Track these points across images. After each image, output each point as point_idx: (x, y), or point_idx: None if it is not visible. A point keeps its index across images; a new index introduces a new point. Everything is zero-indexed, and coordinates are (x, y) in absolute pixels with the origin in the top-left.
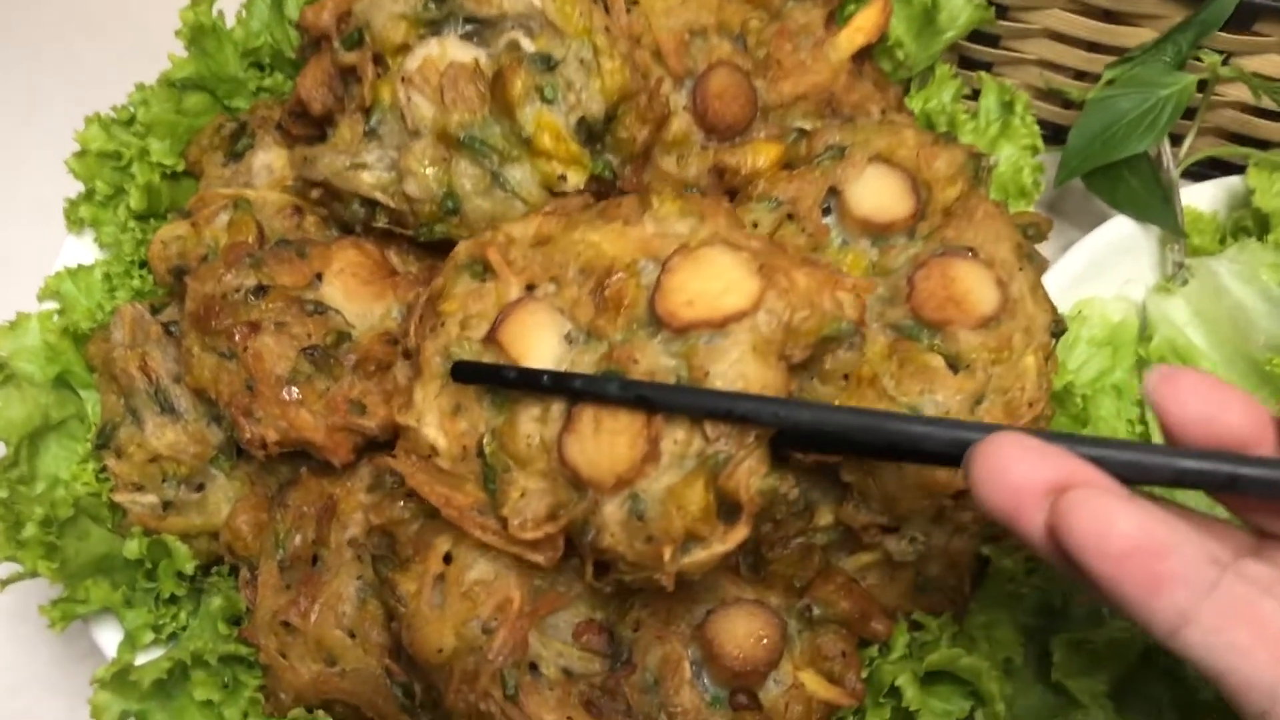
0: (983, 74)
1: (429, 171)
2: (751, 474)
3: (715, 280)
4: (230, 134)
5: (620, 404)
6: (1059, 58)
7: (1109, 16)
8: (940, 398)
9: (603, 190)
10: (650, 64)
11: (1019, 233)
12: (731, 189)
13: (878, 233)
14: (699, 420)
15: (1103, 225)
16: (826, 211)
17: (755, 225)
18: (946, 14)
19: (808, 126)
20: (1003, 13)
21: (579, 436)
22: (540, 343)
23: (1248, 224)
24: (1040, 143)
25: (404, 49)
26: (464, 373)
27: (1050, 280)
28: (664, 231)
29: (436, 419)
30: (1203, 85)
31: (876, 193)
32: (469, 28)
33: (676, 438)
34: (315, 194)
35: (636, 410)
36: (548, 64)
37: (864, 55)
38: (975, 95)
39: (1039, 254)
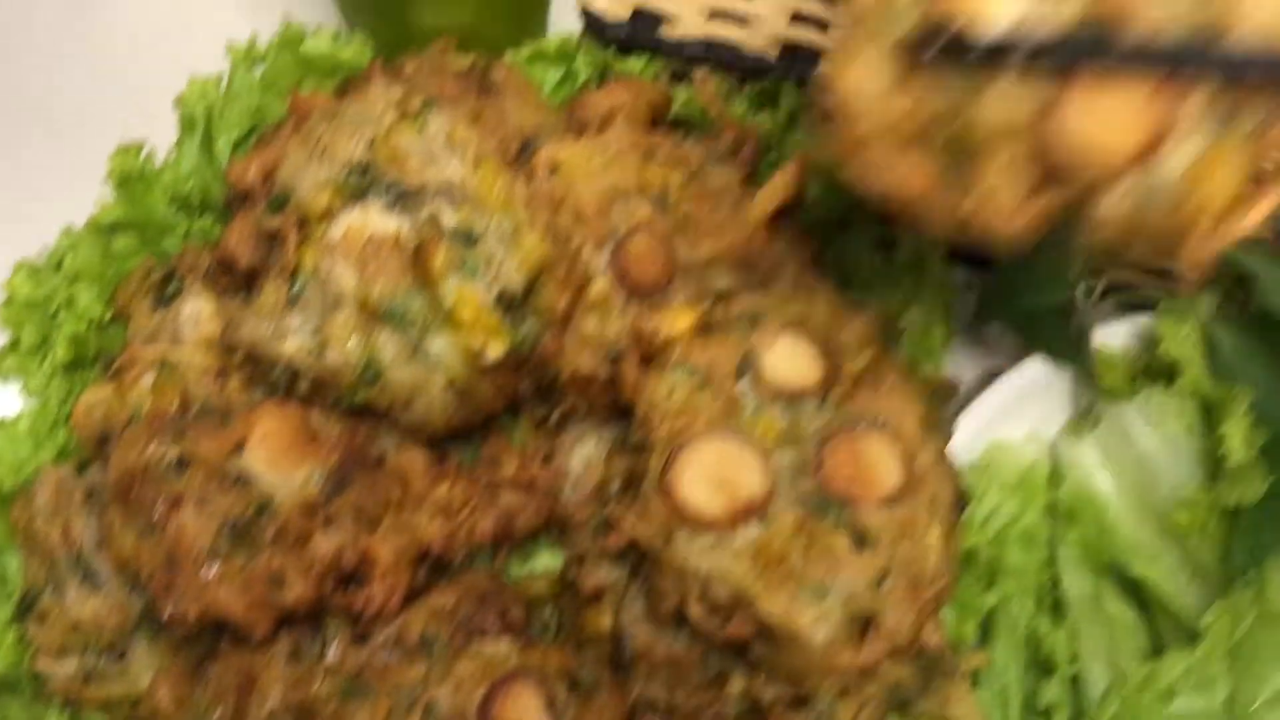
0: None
1: (350, 343)
2: None
3: None
4: (158, 281)
5: (1125, 69)
6: None
7: None
8: (844, 579)
9: (522, 357)
10: (572, 227)
11: (925, 403)
12: (648, 354)
13: (789, 399)
14: (1232, 84)
15: (1018, 366)
16: (742, 373)
17: (670, 393)
18: None
19: (726, 284)
20: None
21: (1074, 114)
22: None
23: (1159, 366)
24: (953, 295)
25: (328, 215)
26: (924, 49)
27: (965, 423)
28: None
29: (880, 90)
30: None
31: (788, 360)
32: (392, 196)
33: (1197, 101)
34: (239, 356)
35: (1144, 76)
36: (469, 238)
37: (782, 213)
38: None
39: (946, 422)
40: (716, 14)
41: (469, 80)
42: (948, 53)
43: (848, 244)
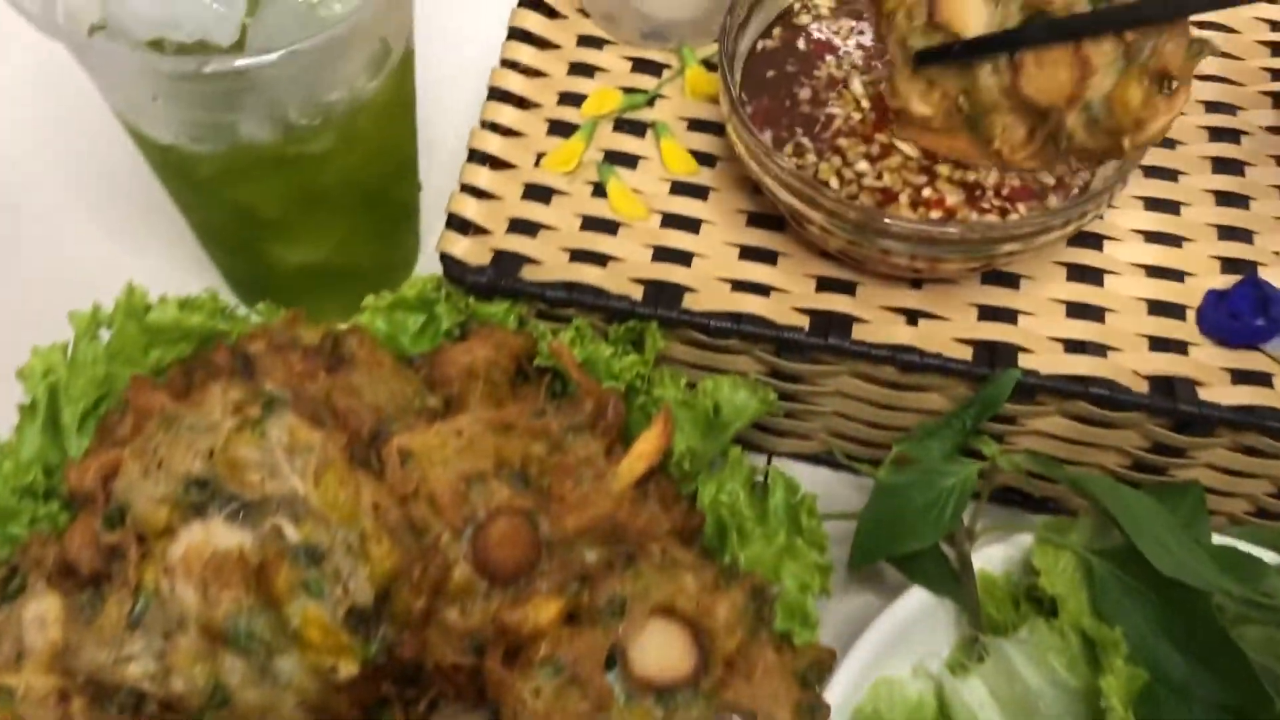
0: (771, 467)
1: (195, 669)
2: (1175, 47)
3: None
4: (1, 578)
5: (1050, 41)
6: (848, 430)
7: (896, 386)
8: None
9: (378, 667)
10: (428, 516)
11: (799, 685)
12: (513, 647)
13: (661, 691)
14: (1119, 33)
15: (899, 599)
16: (611, 664)
17: (538, 693)
18: (730, 409)
19: (594, 559)
20: (788, 398)
21: (1029, 76)
22: (971, 12)
23: (1039, 594)
24: (827, 547)
25: (168, 533)
26: (926, 57)
27: (849, 662)
28: None
29: (919, 96)
30: (984, 473)
31: (659, 649)
32: (234, 509)
33: (1103, 49)
34: (82, 678)
35: (1065, 42)
36: (313, 555)
37: (649, 475)
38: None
39: (821, 706)
40: (579, 256)
41: (319, 355)
42: (939, 58)
43: (720, 494)
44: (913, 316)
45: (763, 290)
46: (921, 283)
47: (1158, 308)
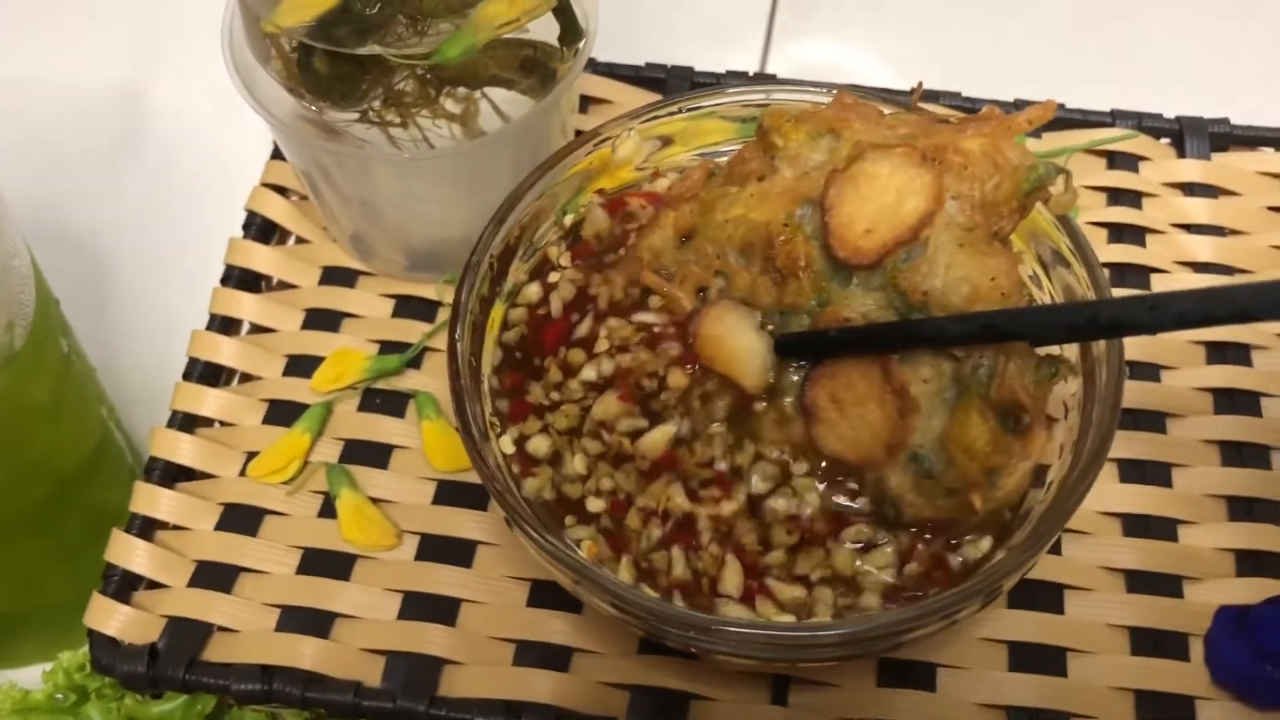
0: None
1: None
2: (1022, 371)
3: (884, 194)
4: None
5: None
6: None
7: None
8: None
9: None
10: None
11: None
12: None
13: None
14: (940, 351)
15: None
16: None
17: None
18: None
19: None
20: None
21: (828, 424)
22: (741, 346)
23: None
24: None
25: None
26: (788, 348)
27: None
28: (804, 169)
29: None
30: None
31: None
32: None
33: (924, 377)
34: None
35: (871, 368)
36: None
37: None
38: None
39: None
40: (293, 617)
41: None
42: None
43: None
44: (782, 685)
45: (560, 657)
46: None
47: (1148, 641)
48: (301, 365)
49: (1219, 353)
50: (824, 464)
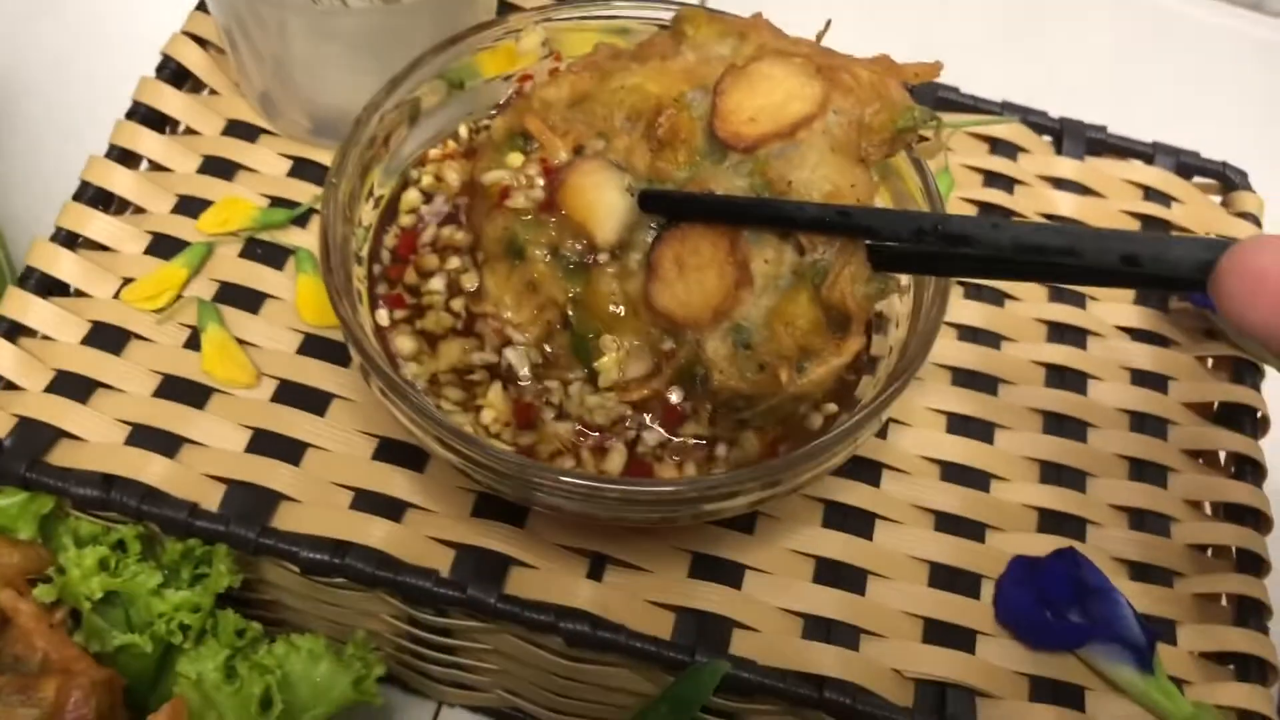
0: None
1: None
2: (855, 280)
3: (773, 93)
4: None
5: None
6: (529, 693)
7: (573, 659)
8: None
9: None
10: None
11: None
12: None
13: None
14: (786, 236)
15: None
16: None
17: None
18: (307, 691)
19: None
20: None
21: (665, 281)
22: (602, 201)
23: None
24: None
25: None
26: (651, 201)
27: None
28: (706, 57)
29: (513, 300)
30: None
31: None
32: None
33: (766, 257)
34: None
35: (720, 238)
36: None
37: None
38: None
39: None
40: (141, 435)
41: None
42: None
43: None
44: (599, 563)
45: (395, 509)
46: None
47: (944, 576)
48: (191, 206)
49: (1058, 333)
50: (651, 321)
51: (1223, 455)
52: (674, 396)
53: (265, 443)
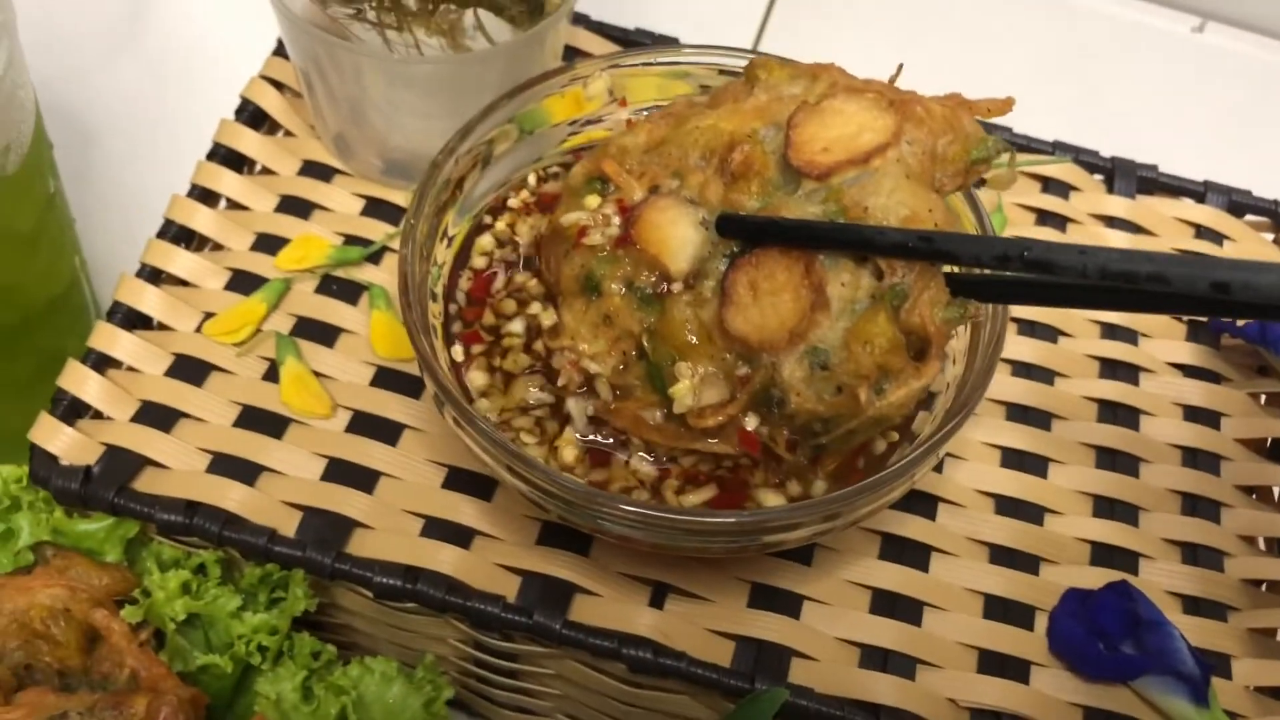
0: None
1: None
2: (934, 304)
3: (846, 125)
4: None
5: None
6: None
7: (634, 684)
8: None
9: None
10: None
11: None
12: None
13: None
14: (863, 260)
15: None
16: None
17: None
18: (380, 712)
19: None
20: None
21: (739, 306)
22: (675, 234)
23: None
24: None
25: None
26: (730, 225)
27: None
28: (779, 96)
29: (590, 332)
30: None
31: None
32: None
33: (843, 281)
34: None
35: (795, 263)
36: None
37: None
38: None
39: None
40: (223, 464)
41: None
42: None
43: None
44: (661, 592)
45: (464, 536)
46: None
47: (998, 608)
48: (269, 243)
49: (1111, 369)
50: (726, 346)
51: (1277, 492)
52: (749, 424)
53: (340, 471)
